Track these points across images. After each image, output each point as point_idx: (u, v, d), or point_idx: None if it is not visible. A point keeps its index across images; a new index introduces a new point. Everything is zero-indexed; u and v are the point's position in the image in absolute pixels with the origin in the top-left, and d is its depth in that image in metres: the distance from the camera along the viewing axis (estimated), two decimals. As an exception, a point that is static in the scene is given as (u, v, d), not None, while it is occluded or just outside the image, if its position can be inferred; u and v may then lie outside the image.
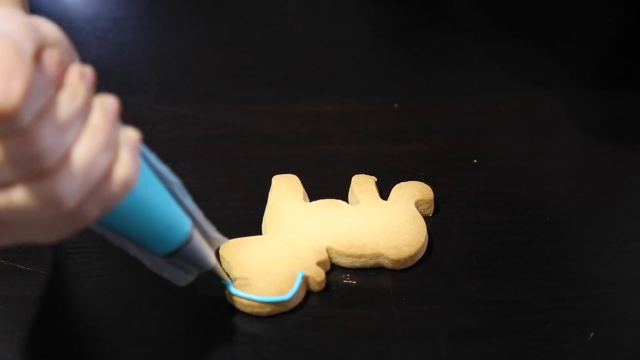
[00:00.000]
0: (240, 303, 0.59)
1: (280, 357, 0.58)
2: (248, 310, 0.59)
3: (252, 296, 0.59)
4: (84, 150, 0.45)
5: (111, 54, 0.81)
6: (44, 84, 0.43)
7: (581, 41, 0.82)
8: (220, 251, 0.62)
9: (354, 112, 0.75)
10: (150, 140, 0.71)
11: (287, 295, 0.59)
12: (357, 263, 0.62)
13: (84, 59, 0.68)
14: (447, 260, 0.63)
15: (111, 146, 0.46)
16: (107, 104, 0.47)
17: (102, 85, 0.77)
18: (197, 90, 0.77)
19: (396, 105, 0.75)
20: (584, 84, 0.78)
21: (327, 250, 0.62)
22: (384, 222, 0.63)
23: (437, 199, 0.66)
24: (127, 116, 0.73)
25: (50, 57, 0.44)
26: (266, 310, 0.59)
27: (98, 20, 0.84)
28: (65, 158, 0.44)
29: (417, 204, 0.65)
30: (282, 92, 0.77)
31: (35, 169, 0.44)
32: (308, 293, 0.61)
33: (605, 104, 0.76)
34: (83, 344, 0.58)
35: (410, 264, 0.62)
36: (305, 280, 0.61)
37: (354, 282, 0.62)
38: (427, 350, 0.58)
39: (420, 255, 0.63)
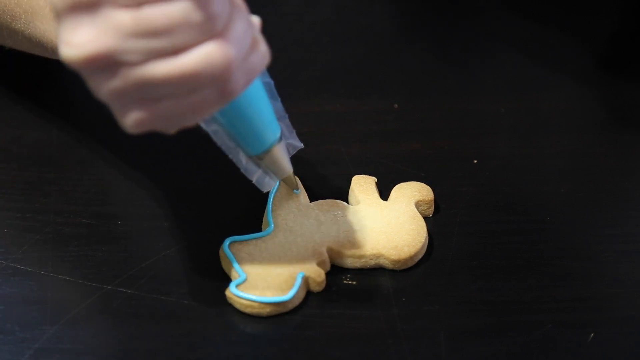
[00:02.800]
0: (241, 304, 0.59)
1: (281, 357, 0.58)
2: (248, 310, 0.59)
3: (252, 297, 0.59)
4: (238, 20, 0.50)
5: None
6: None
7: (581, 41, 0.82)
8: (220, 252, 0.62)
9: (354, 112, 0.75)
10: (150, 139, 0.71)
11: (287, 295, 0.59)
12: (358, 263, 0.62)
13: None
14: (447, 261, 0.63)
15: (251, 24, 0.52)
16: None
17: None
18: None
19: (396, 105, 0.75)
20: (583, 84, 0.78)
21: (327, 251, 0.62)
22: (384, 222, 0.63)
23: (437, 199, 0.66)
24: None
25: None
26: (266, 310, 0.59)
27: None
28: (227, 25, 0.49)
29: (417, 205, 0.65)
30: (282, 92, 0.77)
31: (209, 31, 0.48)
32: (308, 293, 0.61)
33: (605, 104, 0.76)
34: (83, 344, 0.58)
35: (410, 264, 0.62)
36: (306, 280, 0.61)
37: (354, 283, 0.62)
38: (427, 350, 0.58)
39: (420, 256, 0.63)
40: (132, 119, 0.51)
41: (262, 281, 0.60)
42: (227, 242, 0.62)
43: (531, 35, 0.82)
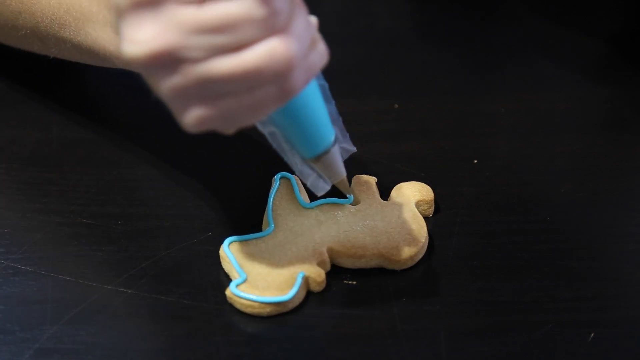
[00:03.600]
0: (241, 303, 0.59)
1: (281, 357, 0.58)
2: (248, 310, 0.59)
3: (253, 297, 0.59)
4: (298, 17, 0.51)
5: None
6: None
7: (581, 41, 0.82)
8: (220, 252, 0.62)
9: (354, 112, 0.75)
10: (151, 139, 0.71)
11: (287, 295, 0.59)
12: (358, 263, 0.62)
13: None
14: (448, 261, 0.63)
15: (310, 22, 0.52)
16: None
17: (104, 85, 0.77)
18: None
19: (396, 105, 0.75)
20: (584, 84, 0.78)
21: (328, 251, 0.62)
22: (384, 222, 0.63)
23: (437, 199, 0.66)
24: (127, 116, 0.74)
25: None
26: (266, 310, 0.59)
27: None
28: (289, 21, 0.50)
29: (418, 205, 0.65)
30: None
31: (271, 26, 0.49)
32: (308, 293, 0.61)
33: (605, 104, 0.76)
34: (83, 344, 0.58)
35: (410, 264, 0.62)
36: (306, 280, 0.61)
37: (355, 283, 0.62)
38: (427, 351, 0.58)
39: (420, 256, 0.63)
40: (192, 117, 0.51)
41: (262, 281, 0.60)
42: (227, 242, 0.62)
43: (531, 35, 0.82)
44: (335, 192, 0.66)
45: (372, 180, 0.66)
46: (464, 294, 0.61)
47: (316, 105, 0.56)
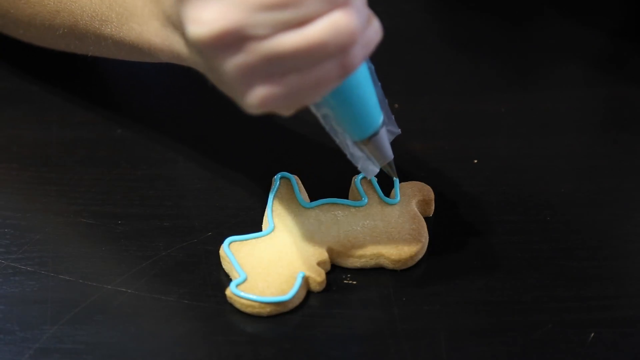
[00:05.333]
0: (241, 303, 0.59)
1: (281, 357, 0.58)
2: (248, 310, 0.59)
3: (253, 296, 0.59)
4: None
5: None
6: None
7: (581, 41, 0.82)
8: (220, 252, 0.62)
9: (354, 112, 0.75)
10: (151, 139, 0.71)
11: (287, 295, 0.59)
12: (358, 263, 0.62)
13: (87, 57, 0.68)
14: (448, 261, 0.63)
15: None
16: None
17: (103, 85, 0.77)
18: (198, 90, 0.77)
19: (396, 105, 0.75)
20: (583, 84, 0.78)
21: (328, 251, 0.62)
22: (384, 222, 0.63)
23: (437, 199, 0.66)
24: (127, 115, 0.74)
25: None
26: (266, 310, 0.59)
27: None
28: None
29: (418, 204, 0.65)
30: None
31: (334, 0, 0.49)
32: (308, 293, 0.61)
33: (605, 104, 0.76)
34: (83, 344, 0.58)
35: (410, 264, 0.62)
36: (306, 280, 0.61)
37: (355, 282, 0.62)
38: (427, 350, 0.58)
39: (420, 256, 0.63)
40: (256, 96, 0.51)
41: (262, 281, 0.60)
42: (227, 242, 0.62)
43: (532, 35, 0.82)
44: (335, 193, 0.66)
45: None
46: (464, 294, 0.61)
47: (367, 85, 0.56)
